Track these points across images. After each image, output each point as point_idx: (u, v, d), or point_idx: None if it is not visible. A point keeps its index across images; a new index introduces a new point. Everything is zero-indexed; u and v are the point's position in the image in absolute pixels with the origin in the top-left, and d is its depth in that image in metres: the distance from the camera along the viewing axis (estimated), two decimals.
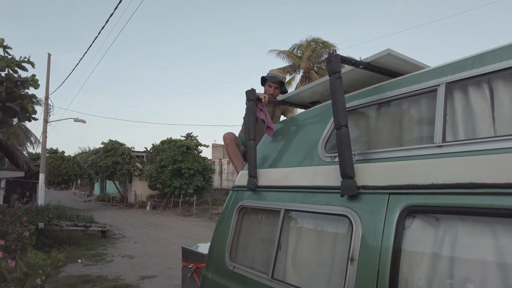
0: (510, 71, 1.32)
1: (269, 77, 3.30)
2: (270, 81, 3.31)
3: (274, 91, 3.30)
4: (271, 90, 3.29)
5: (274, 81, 3.31)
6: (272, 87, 3.30)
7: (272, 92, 3.28)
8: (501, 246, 1.15)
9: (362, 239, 1.48)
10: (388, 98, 1.70)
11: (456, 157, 1.31)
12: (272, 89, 3.30)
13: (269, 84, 3.31)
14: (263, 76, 3.34)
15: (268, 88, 3.30)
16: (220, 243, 2.35)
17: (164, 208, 24.47)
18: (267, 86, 3.33)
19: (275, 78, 3.30)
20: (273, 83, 3.31)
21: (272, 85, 3.31)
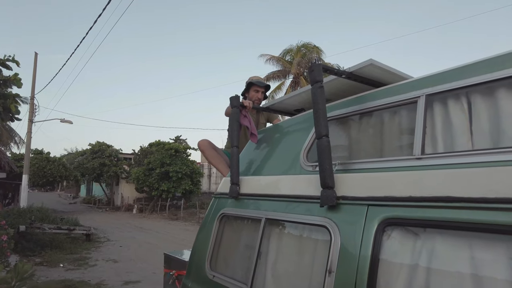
0: (488, 85, 1.32)
1: (256, 82, 3.26)
2: (257, 86, 3.27)
3: (261, 96, 3.27)
4: (258, 95, 3.25)
5: (261, 85, 3.26)
6: (259, 91, 3.27)
7: (260, 97, 3.25)
8: (477, 260, 1.15)
9: (340, 250, 1.46)
10: (369, 108, 1.69)
11: (434, 170, 1.31)
12: (260, 93, 3.26)
13: (256, 89, 3.27)
14: (249, 82, 3.29)
15: (255, 94, 3.26)
16: (200, 251, 2.31)
17: (151, 211, 24.19)
18: (253, 92, 3.27)
19: (262, 83, 3.27)
20: (260, 88, 3.27)
21: (260, 89, 3.27)
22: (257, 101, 3.21)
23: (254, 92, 3.26)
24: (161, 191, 22.73)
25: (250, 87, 3.27)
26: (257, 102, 3.18)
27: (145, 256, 9.79)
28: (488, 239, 1.14)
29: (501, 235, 1.10)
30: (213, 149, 3.13)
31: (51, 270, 7.82)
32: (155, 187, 22.83)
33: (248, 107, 2.50)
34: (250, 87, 3.27)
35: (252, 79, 3.30)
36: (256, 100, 3.20)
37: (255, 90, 3.26)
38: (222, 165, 3.00)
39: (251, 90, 3.26)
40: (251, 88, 3.26)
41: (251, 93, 3.26)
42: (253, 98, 3.20)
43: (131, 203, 27.31)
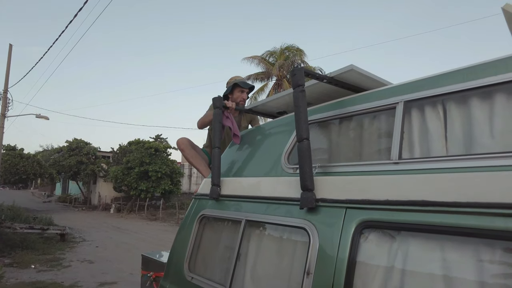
0: (462, 94, 1.37)
1: (241, 83, 3.19)
2: (241, 87, 3.20)
3: (246, 96, 3.21)
4: (243, 95, 3.18)
5: (246, 87, 3.21)
6: (245, 92, 3.20)
7: (245, 97, 3.19)
8: (449, 262, 1.19)
9: (318, 252, 1.48)
10: (349, 113, 1.73)
11: (410, 175, 1.34)
12: (245, 94, 3.19)
13: (241, 89, 3.20)
14: (234, 83, 3.21)
15: (240, 94, 3.18)
16: (179, 252, 2.29)
17: (129, 211, 23.74)
18: (238, 92, 3.20)
19: (247, 84, 3.22)
20: (245, 89, 3.20)
21: (244, 90, 3.20)
22: (242, 102, 3.16)
23: (238, 93, 3.20)
24: (140, 191, 22.35)
25: (234, 88, 3.21)
26: (242, 103, 3.14)
27: (122, 256, 9.60)
28: (460, 242, 1.18)
29: (471, 238, 1.15)
30: (192, 148, 3.06)
31: (21, 271, 7.55)
32: (133, 187, 22.42)
33: (230, 108, 2.50)
34: (234, 88, 3.21)
35: (236, 80, 3.24)
36: (241, 100, 3.15)
37: (240, 90, 3.20)
38: (203, 166, 2.94)
39: (236, 91, 3.20)
40: (235, 89, 3.21)
41: (235, 94, 3.19)
42: (238, 99, 3.15)
43: (109, 203, 26.70)
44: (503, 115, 1.26)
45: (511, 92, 1.26)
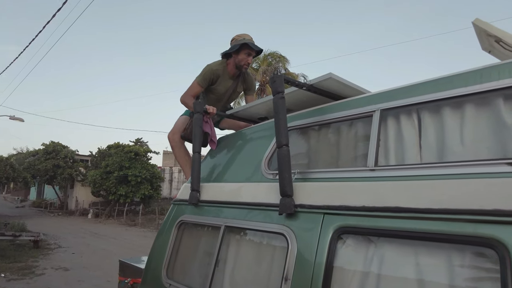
0: (436, 103, 1.42)
1: (251, 44, 2.71)
2: (250, 49, 2.73)
3: (251, 61, 2.80)
4: (249, 59, 2.77)
5: (256, 49, 2.75)
6: (251, 56, 2.77)
7: (250, 61, 2.80)
8: (422, 267, 1.22)
9: (296, 258, 1.49)
10: (328, 120, 1.76)
11: (386, 181, 1.38)
12: (251, 58, 2.77)
13: (249, 51, 2.75)
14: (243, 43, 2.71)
15: (245, 57, 2.76)
16: (157, 258, 2.25)
17: (107, 216, 23.17)
18: (244, 54, 2.75)
19: (256, 46, 2.75)
20: (252, 51, 2.75)
21: (252, 53, 2.76)
22: (246, 66, 2.81)
23: (245, 55, 2.75)
24: (119, 196, 21.87)
25: (242, 48, 2.74)
26: (245, 67, 2.82)
27: (99, 263, 9.34)
28: (432, 247, 1.22)
29: (443, 243, 1.18)
30: (183, 147, 2.84)
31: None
32: (112, 191, 21.92)
33: (211, 113, 2.48)
34: (242, 49, 2.74)
35: (246, 40, 2.74)
36: (245, 64, 2.79)
37: (247, 53, 2.75)
38: (189, 167, 2.70)
39: (242, 52, 2.75)
40: (243, 49, 2.74)
41: (241, 55, 2.76)
42: (241, 62, 2.77)
43: (87, 208, 25.98)
44: (473, 124, 1.32)
45: (480, 103, 1.32)
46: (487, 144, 1.26)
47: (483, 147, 1.26)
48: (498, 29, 1.89)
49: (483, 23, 1.90)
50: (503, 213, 1.05)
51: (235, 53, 2.76)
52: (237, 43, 2.73)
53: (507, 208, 1.05)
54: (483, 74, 1.31)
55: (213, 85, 2.86)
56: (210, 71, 2.78)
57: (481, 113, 1.31)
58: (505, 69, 1.26)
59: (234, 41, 2.78)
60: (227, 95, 2.98)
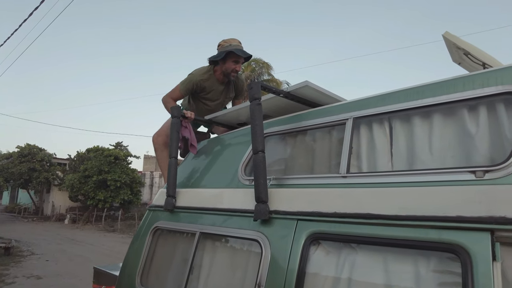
0: (406, 112, 1.47)
1: (238, 51, 2.57)
2: (237, 57, 2.60)
3: (240, 68, 2.69)
4: (237, 67, 2.65)
5: (244, 55, 2.61)
6: (239, 63, 2.66)
7: (238, 69, 2.67)
8: (391, 273, 1.25)
9: (270, 264, 1.50)
10: (303, 127, 1.79)
11: (357, 188, 1.41)
12: (239, 65, 2.65)
13: (236, 59, 2.62)
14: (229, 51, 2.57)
15: (233, 65, 2.63)
16: (131, 265, 2.21)
17: (85, 222, 22.54)
18: (231, 62, 2.62)
19: (244, 52, 2.61)
20: (240, 58, 2.62)
21: (240, 60, 2.65)
22: (234, 74, 2.69)
23: (232, 62, 2.62)
24: (97, 201, 21.34)
25: (228, 56, 2.60)
26: (233, 75, 2.69)
27: (75, 270, 9.05)
28: (401, 254, 1.25)
29: (410, 249, 1.22)
30: (166, 150, 2.65)
31: None
32: (91, 196, 21.36)
33: (189, 118, 2.47)
34: (229, 57, 2.60)
35: (232, 47, 2.58)
36: (233, 72, 2.67)
37: (235, 60, 2.62)
38: None
39: (229, 60, 2.62)
40: (230, 57, 2.61)
41: (228, 63, 2.62)
42: (229, 70, 2.65)
43: (63, 213, 25.21)
44: (439, 133, 1.37)
45: (446, 113, 1.37)
46: (452, 153, 1.30)
47: (448, 156, 1.31)
48: (466, 42, 1.97)
49: (452, 37, 1.98)
50: (465, 220, 1.10)
51: (221, 61, 2.63)
52: (223, 50, 2.59)
53: (469, 214, 1.09)
54: (449, 85, 1.37)
55: (203, 93, 2.75)
56: (192, 81, 2.67)
57: (447, 123, 1.36)
58: (469, 81, 1.32)
59: (220, 47, 2.64)
60: (219, 102, 2.86)
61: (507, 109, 1.21)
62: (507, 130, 1.19)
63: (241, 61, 2.66)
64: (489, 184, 1.11)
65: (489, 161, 1.20)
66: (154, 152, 2.82)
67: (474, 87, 1.29)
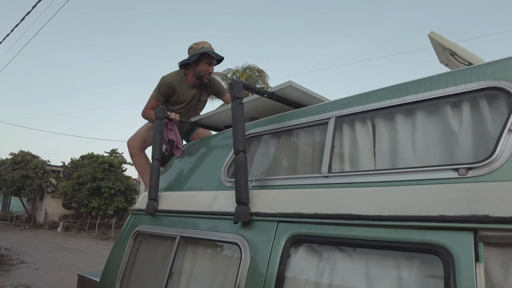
0: (388, 110, 1.43)
1: (211, 53, 2.59)
2: (210, 58, 2.61)
3: (213, 70, 2.69)
4: (210, 69, 2.64)
5: (217, 57, 2.62)
6: (212, 65, 2.65)
7: (212, 71, 2.68)
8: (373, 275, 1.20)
9: (249, 268, 1.44)
10: (285, 127, 1.74)
11: (339, 188, 1.36)
12: (212, 67, 2.65)
13: (210, 61, 2.62)
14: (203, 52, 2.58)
15: (206, 67, 2.63)
16: (112, 271, 2.14)
17: (78, 230, 22.25)
18: (205, 64, 2.62)
19: (217, 54, 2.63)
20: (213, 60, 2.63)
21: (213, 62, 2.65)
22: (207, 76, 2.68)
23: (205, 64, 2.62)
24: (91, 208, 21.10)
25: (202, 58, 2.61)
26: (206, 77, 2.68)
27: (65, 279, 8.86)
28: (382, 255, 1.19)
29: (392, 251, 1.16)
30: (143, 155, 2.65)
31: None
32: (84, 204, 21.12)
33: (174, 120, 2.42)
34: (202, 58, 2.61)
35: (205, 48, 2.60)
36: (207, 74, 2.67)
37: (208, 62, 2.62)
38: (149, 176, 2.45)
39: (202, 62, 2.61)
40: (203, 59, 2.61)
41: (201, 65, 2.62)
42: (202, 72, 2.64)
43: (56, 221, 24.88)
44: (422, 131, 1.32)
45: (428, 110, 1.33)
46: (434, 150, 1.26)
47: (431, 153, 1.27)
48: (452, 42, 1.95)
49: (438, 37, 1.95)
50: (448, 219, 1.05)
51: (194, 63, 2.62)
52: (195, 52, 2.60)
53: (452, 213, 1.05)
54: (432, 81, 1.33)
55: (172, 97, 2.72)
56: (164, 83, 2.64)
57: (430, 120, 1.32)
58: (452, 77, 1.29)
59: (193, 50, 2.64)
60: (191, 106, 2.84)
61: (489, 105, 1.18)
62: (489, 126, 1.15)
63: (214, 63, 2.66)
64: (472, 181, 1.06)
65: (472, 158, 1.16)
66: (130, 157, 2.76)
67: (457, 83, 1.25)
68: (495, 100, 1.17)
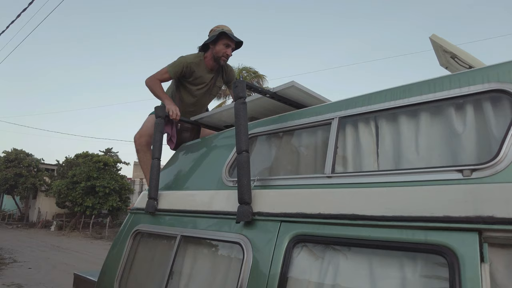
0: (392, 111, 1.43)
1: (230, 35, 2.58)
2: (229, 39, 2.59)
3: (230, 53, 2.66)
4: (228, 51, 2.63)
5: (235, 40, 2.60)
6: (230, 48, 2.63)
7: (229, 53, 2.65)
8: (377, 275, 1.20)
9: (252, 267, 1.43)
10: (288, 127, 1.74)
11: (342, 188, 1.36)
12: (230, 50, 2.63)
13: (227, 42, 2.60)
14: (221, 31, 2.56)
15: (223, 49, 2.61)
16: (110, 270, 2.12)
17: (72, 229, 22.06)
18: (222, 45, 2.60)
19: (236, 37, 2.60)
20: (231, 42, 2.61)
21: (231, 44, 2.62)
22: (224, 58, 2.65)
23: (223, 45, 2.60)
24: (85, 207, 20.93)
25: (220, 38, 2.59)
26: (223, 60, 2.65)
27: (59, 279, 8.78)
28: (386, 256, 1.20)
29: (396, 251, 1.17)
30: (149, 152, 2.54)
31: None
32: (78, 203, 20.95)
33: (174, 120, 2.40)
34: (220, 39, 2.60)
35: (224, 29, 2.59)
36: (224, 56, 2.63)
37: (226, 44, 2.60)
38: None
39: (220, 43, 2.60)
40: (221, 39, 2.60)
41: (219, 46, 2.60)
42: (219, 53, 2.62)
43: (50, 219, 24.65)
44: (427, 132, 1.33)
45: (432, 111, 1.34)
46: (438, 152, 1.27)
47: (435, 155, 1.27)
48: (453, 45, 1.96)
49: (439, 39, 1.97)
50: (452, 220, 1.05)
51: (212, 44, 2.62)
52: (214, 33, 2.59)
53: (456, 214, 1.05)
54: (436, 83, 1.34)
55: (189, 78, 2.68)
56: (182, 63, 2.60)
57: (434, 121, 1.33)
58: (456, 79, 1.29)
59: (212, 32, 2.64)
60: (208, 89, 2.80)
61: (493, 107, 1.19)
62: (493, 128, 1.16)
63: (232, 46, 2.64)
64: (476, 183, 1.07)
65: (476, 159, 1.16)
66: (136, 153, 2.69)
67: (461, 85, 1.26)
68: (500, 103, 1.17)
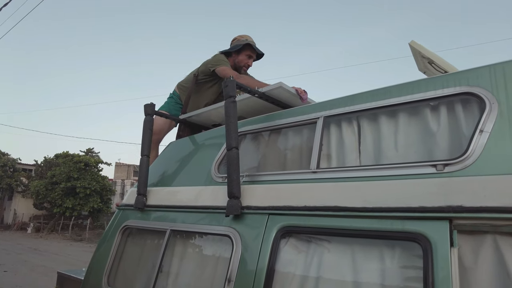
0: (373, 111, 1.54)
1: (254, 46, 2.63)
2: (253, 51, 2.64)
3: (251, 64, 2.69)
4: (249, 62, 2.67)
5: (259, 52, 2.66)
6: (252, 58, 2.68)
7: (251, 64, 2.69)
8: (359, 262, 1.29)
9: (240, 259, 1.50)
10: (276, 126, 1.82)
11: (327, 183, 1.45)
12: (251, 61, 2.67)
13: (250, 54, 2.65)
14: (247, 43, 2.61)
15: (245, 59, 2.65)
16: (98, 266, 2.14)
17: (50, 231, 21.51)
18: (245, 56, 2.65)
19: (259, 50, 2.66)
20: (253, 54, 2.66)
21: (253, 56, 2.67)
22: (245, 69, 2.69)
23: (246, 56, 2.65)
24: (65, 209, 20.48)
25: (244, 48, 2.63)
26: (244, 69, 2.68)
27: (36, 282, 8.57)
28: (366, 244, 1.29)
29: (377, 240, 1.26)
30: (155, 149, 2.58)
31: None
32: (58, 204, 20.48)
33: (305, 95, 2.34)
34: (244, 49, 2.64)
35: (248, 40, 2.63)
36: (245, 67, 2.68)
37: (248, 55, 2.65)
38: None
39: (244, 53, 2.64)
40: (245, 50, 2.64)
41: (242, 56, 2.65)
42: (241, 63, 2.66)
43: (26, 221, 23.94)
44: (404, 130, 1.44)
45: (410, 111, 1.45)
46: (415, 149, 1.38)
47: (412, 151, 1.38)
48: (431, 52, 2.10)
49: (418, 45, 2.10)
50: (426, 210, 1.16)
51: (236, 52, 2.65)
52: (239, 43, 2.63)
53: (430, 205, 1.16)
54: (414, 86, 1.45)
55: (214, 81, 2.68)
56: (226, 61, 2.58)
57: (410, 121, 1.44)
58: (431, 83, 1.41)
59: (236, 41, 2.69)
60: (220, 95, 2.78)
61: (463, 108, 1.31)
62: (464, 127, 1.28)
63: (254, 57, 2.69)
64: (448, 176, 1.18)
65: (448, 155, 1.28)
66: None
67: (436, 88, 1.38)
68: (469, 104, 1.29)
